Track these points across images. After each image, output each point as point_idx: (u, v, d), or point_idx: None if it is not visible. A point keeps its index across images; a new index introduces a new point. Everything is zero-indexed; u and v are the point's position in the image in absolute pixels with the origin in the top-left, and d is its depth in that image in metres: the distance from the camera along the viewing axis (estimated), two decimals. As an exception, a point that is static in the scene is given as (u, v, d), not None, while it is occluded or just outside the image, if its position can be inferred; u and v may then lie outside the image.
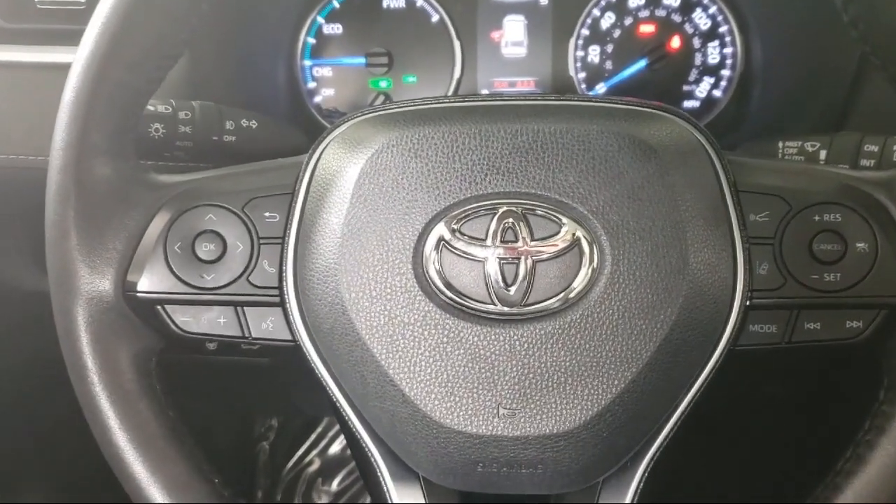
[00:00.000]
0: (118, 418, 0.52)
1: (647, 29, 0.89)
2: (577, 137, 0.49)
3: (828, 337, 0.50)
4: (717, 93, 0.87)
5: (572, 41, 0.90)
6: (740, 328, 0.49)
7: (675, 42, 0.88)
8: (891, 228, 0.49)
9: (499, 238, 0.47)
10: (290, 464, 1.60)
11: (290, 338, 0.53)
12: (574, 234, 0.47)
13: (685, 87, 0.90)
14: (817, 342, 0.50)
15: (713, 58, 0.87)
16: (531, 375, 0.47)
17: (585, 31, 0.90)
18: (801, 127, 0.81)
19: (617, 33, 0.90)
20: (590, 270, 0.47)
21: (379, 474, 0.53)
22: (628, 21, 0.89)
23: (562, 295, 0.47)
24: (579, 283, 0.46)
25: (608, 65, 0.90)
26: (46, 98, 0.78)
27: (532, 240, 0.47)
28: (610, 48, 0.90)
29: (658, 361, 0.48)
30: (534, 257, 0.47)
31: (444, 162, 0.49)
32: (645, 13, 0.89)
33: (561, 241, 0.47)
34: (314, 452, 1.63)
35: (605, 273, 0.47)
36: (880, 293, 0.49)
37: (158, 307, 0.53)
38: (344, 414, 0.53)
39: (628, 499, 0.51)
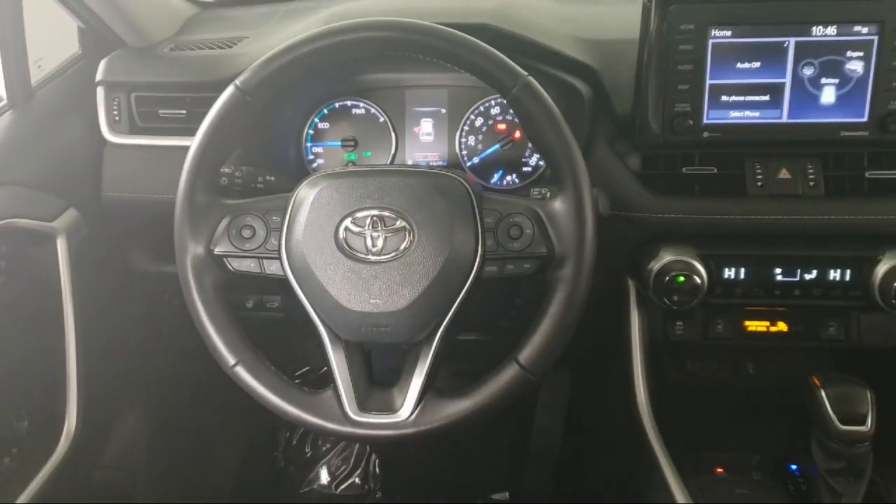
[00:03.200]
0: (203, 308, 0.92)
1: (502, 126, 1.27)
2: (408, 185, 0.89)
3: (516, 272, 0.89)
4: (541, 163, 1.26)
5: (457, 133, 1.28)
6: (480, 268, 0.88)
7: (517, 134, 1.26)
8: (543, 223, 0.88)
9: (370, 226, 0.88)
10: None
11: (282, 273, 0.92)
12: (402, 224, 0.88)
13: (523, 160, 1.27)
14: (512, 274, 0.89)
15: (540, 143, 1.30)
16: (384, 286, 0.87)
17: (466, 128, 1.28)
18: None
19: (484, 129, 1.28)
20: (408, 241, 0.88)
21: (321, 336, 0.92)
22: (490, 122, 1.28)
23: (396, 251, 0.88)
24: (404, 245, 0.88)
25: (479, 146, 1.28)
26: (163, 164, 1.23)
27: (384, 227, 0.88)
28: (480, 137, 1.28)
29: (438, 281, 0.87)
30: (385, 234, 0.88)
31: (348, 194, 0.90)
32: (500, 118, 1.27)
33: (398, 227, 0.88)
34: None
35: (415, 242, 0.87)
36: (536, 252, 0.88)
37: (224, 259, 0.93)
38: (306, 308, 0.91)
39: (433, 348, 0.90)
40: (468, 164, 1.31)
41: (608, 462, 1.48)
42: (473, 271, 0.89)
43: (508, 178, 1.30)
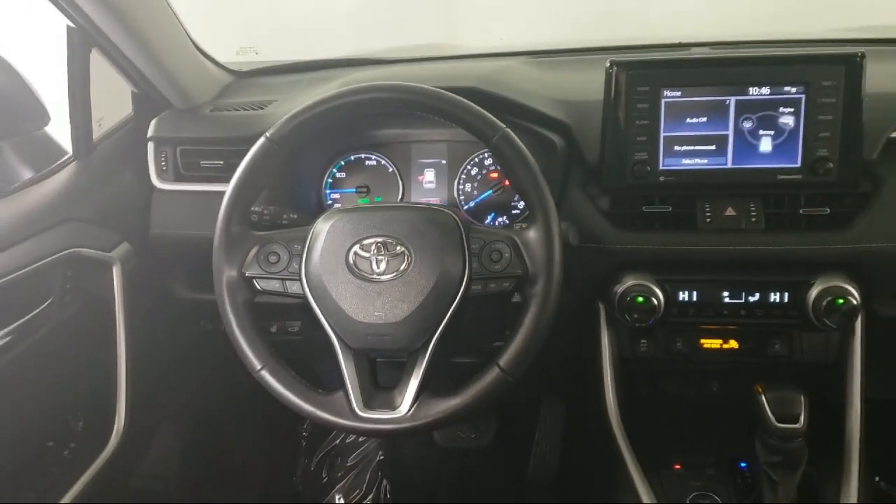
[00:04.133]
0: (235, 322, 1.04)
1: (494, 175, 1.43)
2: (408, 218, 1.03)
3: (497, 290, 1.01)
4: (527, 205, 1.45)
5: (456, 181, 1.44)
6: (467, 287, 1.00)
7: (507, 182, 1.38)
8: (519, 249, 1.00)
9: (375, 251, 1.02)
10: (323, 444, 2.08)
11: (301, 292, 1.04)
12: (402, 250, 1.01)
13: (511, 203, 1.42)
14: (494, 292, 1.01)
15: (527, 189, 1.46)
16: (386, 300, 0.99)
17: (463, 176, 1.44)
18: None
19: (479, 177, 1.44)
20: (406, 263, 1.00)
21: (334, 345, 1.03)
22: (484, 171, 1.44)
23: (396, 272, 1.00)
24: (403, 266, 1.00)
25: (474, 192, 1.44)
26: (202, 207, 1.38)
27: (387, 251, 1.02)
28: (475, 184, 1.44)
29: (431, 297, 0.99)
30: (388, 258, 1.01)
31: (357, 225, 1.03)
32: (492, 167, 1.43)
33: (398, 252, 1.01)
34: (337, 441, 2.09)
35: (412, 264, 1.00)
36: (513, 273, 1.00)
37: (254, 280, 1.05)
38: (321, 321, 1.02)
39: (428, 355, 1.01)
40: (465, 207, 1.47)
41: (599, 483, 1.60)
42: (461, 289, 1.03)
43: (499, 219, 1.46)
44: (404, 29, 2.41)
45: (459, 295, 1.03)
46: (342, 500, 2.01)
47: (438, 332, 1.03)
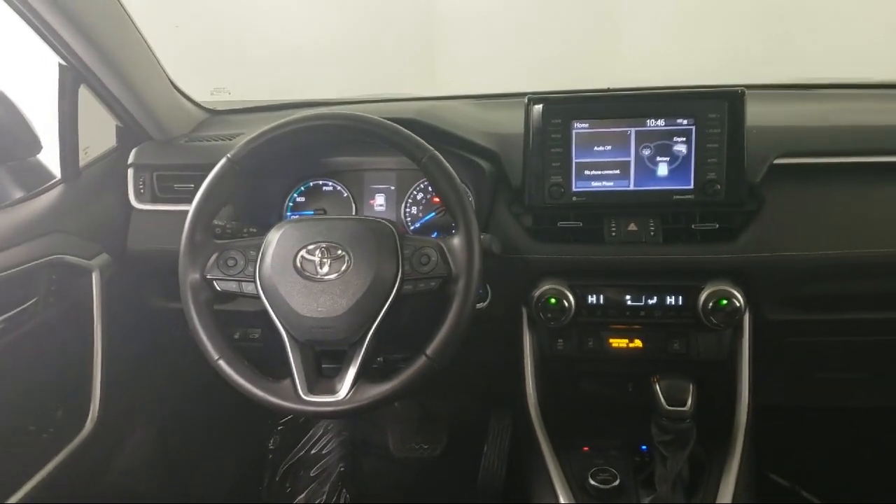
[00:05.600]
0: (197, 318, 1.15)
1: (436, 200, 1.55)
2: (349, 226, 1.18)
3: (426, 289, 1.14)
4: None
5: (403, 205, 1.57)
6: (400, 286, 1.13)
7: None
8: (444, 253, 1.14)
9: (319, 255, 1.17)
10: (288, 457, 2.21)
11: (255, 292, 1.17)
12: (342, 253, 1.16)
13: (452, 224, 1.42)
14: (423, 290, 1.14)
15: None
16: (328, 297, 1.13)
17: (410, 200, 1.56)
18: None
19: (424, 201, 1.56)
20: (345, 265, 1.15)
21: (283, 339, 1.15)
22: (428, 196, 1.56)
23: (338, 272, 1.14)
24: (343, 268, 1.15)
25: (420, 214, 1.57)
26: (175, 224, 1.47)
27: (329, 255, 1.16)
28: (420, 207, 1.56)
29: (368, 294, 1.12)
30: (330, 260, 1.16)
31: (304, 233, 1.17)
32: (433, 194, 1.60)
33: (339, 255, 1.15)
34: (301, 453, 2.23)
35: (350, 266, 1.14)
36: (439, 274, 1.14)
37: (215, 282, 1.18)
38: (272, 317, 1.15)
39: (364, 347, 1.13)
40: (411, 227, 1.61)
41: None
42: (395, 288, 1.17)
43: (441, 238, 1.62)
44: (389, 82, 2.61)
45: (393, 293, 1.17)
46: (304, 510, 2.12)
47: (374, 325, 1.17)
